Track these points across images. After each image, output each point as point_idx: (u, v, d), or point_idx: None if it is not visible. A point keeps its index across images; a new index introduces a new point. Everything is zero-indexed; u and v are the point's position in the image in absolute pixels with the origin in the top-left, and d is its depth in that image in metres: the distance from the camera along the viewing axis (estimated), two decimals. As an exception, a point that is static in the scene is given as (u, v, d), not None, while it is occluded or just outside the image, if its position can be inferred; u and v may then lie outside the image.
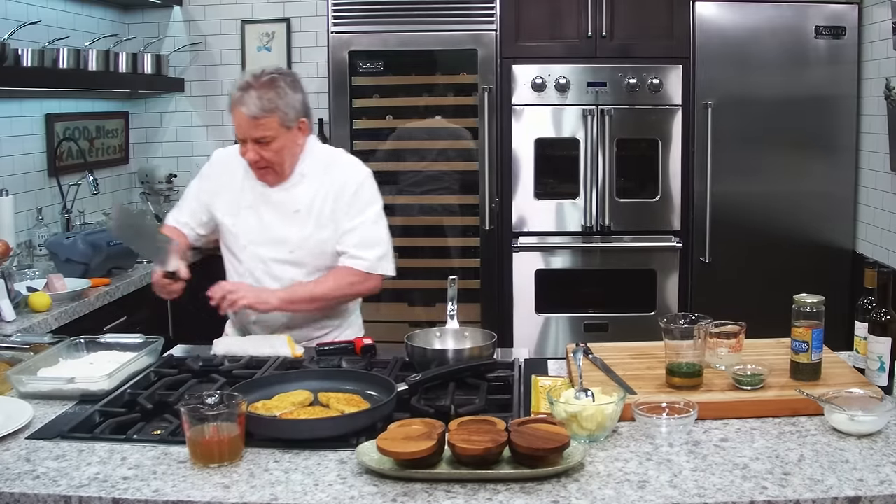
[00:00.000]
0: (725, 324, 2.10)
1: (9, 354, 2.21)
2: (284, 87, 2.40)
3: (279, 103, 2.38)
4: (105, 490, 1.53)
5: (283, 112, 2.40)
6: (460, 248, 4.26)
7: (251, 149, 2.41)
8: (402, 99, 4.26)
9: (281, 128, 2.41)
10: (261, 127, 2.38)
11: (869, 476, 1.55)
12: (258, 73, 2.40)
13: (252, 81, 2.37)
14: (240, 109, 2.37)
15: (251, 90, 2.36)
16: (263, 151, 2.42)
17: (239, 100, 2.37)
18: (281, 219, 2.51)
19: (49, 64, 3.63)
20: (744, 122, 4.03)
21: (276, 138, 2.41)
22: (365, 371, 2.10)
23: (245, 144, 2.42)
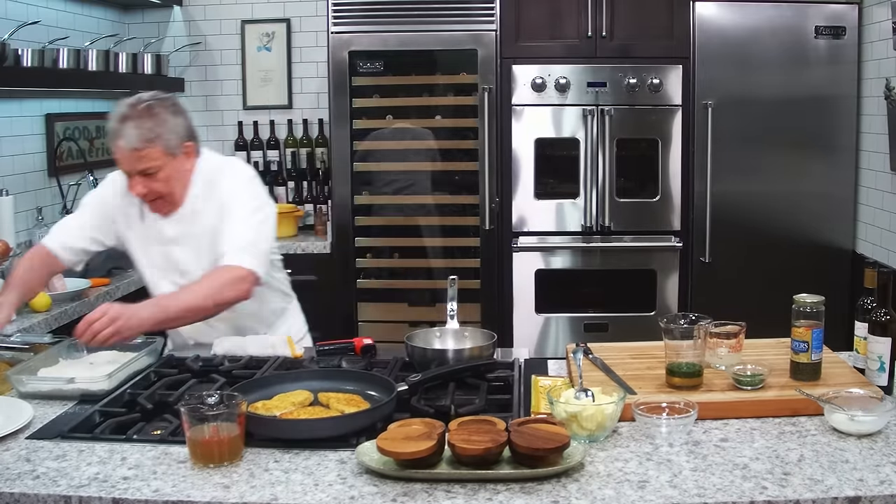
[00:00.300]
0: (725, 324, 2.10)
1: (9, 354, 2.21)
2: (163, 114, 2.30)
3: (160, 131, 2.28)
4: (105, 490, 1.53)
5: (166, 140, 2.29)
6: (460, 248, 4.26)
7: (138, 182, 2.31)
8: (402, 99, 4.26)
9: (165, 156, 2.30)
10: (144, 158, 2.27)
11: (869, 476, 1.55)
12: (134, 101, 2.29)
13: (129, 112, 2.27)
14: (118, 143, 2.26)
15: (128, 121, 2.26)
16: (151, 183, 2.31)
17: (117, 133, 2.26)
18: (181, 244, 2.42)
19: (49, 64, 3.63)
20: (744, 122, 4.03)
21: (162, 168, 2.31)
22: (365, 371, 2.10)
23: (131, 178, 2.31)
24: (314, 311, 4.17)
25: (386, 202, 4.30)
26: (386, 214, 4.31)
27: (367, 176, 4.26)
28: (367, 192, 4.25)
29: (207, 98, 4.80)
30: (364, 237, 4.24)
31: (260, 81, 4.76)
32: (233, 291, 2.26)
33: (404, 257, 4.30)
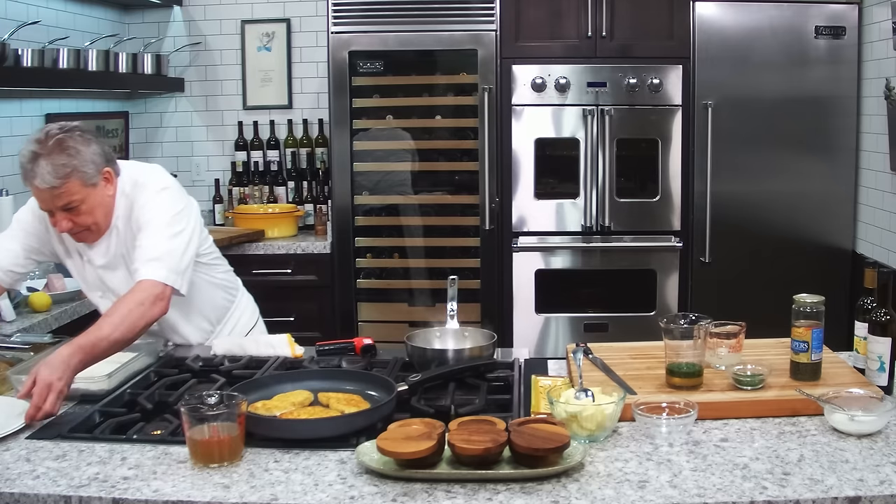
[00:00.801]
0: (725, 324, 2.10)
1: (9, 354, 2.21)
2: (75, 146, 2.19)
3: (74, 164, 2.17)
4: (105, 490, 1.53)
5: (81, 172, 2.19)
6: (460, 248, 4.26)
7: (62, 218, 2.22)
8: (402, 99, 4.26)
9: (85, 188, 2.21)
10: (63, 195, 2.18)
11: (869, 476, 1.55)
12: (42, 137, 2.19)
13: (39, 149, 2.16)
14: (34, 183, 2.16)
15: (40, 159, 2.15)
16: (76, 218, 2.23)
17: (30, 173, 2.16)
18: (111, 266, 2.37)
19: (49, 64, 3.63)
20: (744, 122, 4.03)
21: (84, 200, 2.22)
22: (365, 371, 2.10)
23: (54, 216, 2.23)
24: (314, 311, 4.21)
25: (386, 202, 4.30)
26: (386, 214, 4.31)
27: (368, 176, 4.26)
28: (367, 192, 4.25)
29: (207, 98, 4.80)
30: (364, 237, 4.24)
31: (260, 81, 4.76)
32: (152, 311, 2.16)
33: (404, 257, 4.30)
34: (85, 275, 2.44)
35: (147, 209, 2.29)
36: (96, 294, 2.46)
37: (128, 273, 2.32)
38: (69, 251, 2.43)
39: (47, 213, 2.26)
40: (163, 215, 2.28)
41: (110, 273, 2.38)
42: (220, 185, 4.73)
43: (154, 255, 2.21)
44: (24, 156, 2.19)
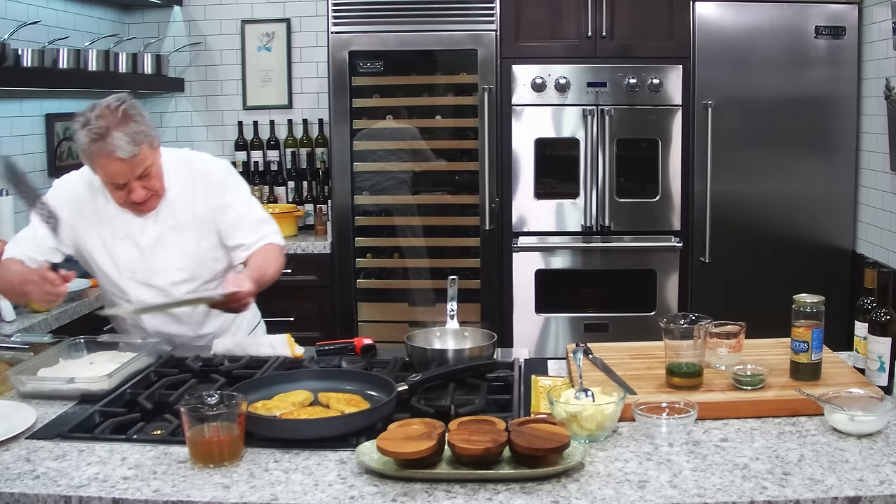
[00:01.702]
0: (725, 324, 2.10)
1: (9, 354, 2.21)
2: (138, 112, 2.26)
3: (143, 129, 2.24)
4: (105, 490, 1.53)
5: (150, 136, 2.27)
6: (460, 248, 4.26)
7: (138, 187, 2.28)
8: (402, 99, 4.26)
9: (153, 151, 2.30)
10: (140, 162, 2.24)
11: (869, 476, 1.55)
12: (104, 112, 2.22)
13: (108, 123, 2.20)
14: (114, 156, 2.19)
15: (112, 132, 2.19)
16: (147, 183, 2.30)
17: (106, 147, 2.19)
18: (160, 241, 2.42)
19: (49, 64, 3.63)
20: (744, 122, 4.03)
21: (154, 163, 2.31)
22: (365, 371, 2.10)
23: (125, 187, 2.28)
24: (314, 312, 4.21)
25: (386, 202, 4.30)
26: (386, 214, 4.30)
27: (367, 176, 4.26)
28: (367, 192, 4.25)
29: (207, 98, 4.80)
30: (364, 237, 4.24)
31: (260, 81, 4.76)
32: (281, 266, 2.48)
33: (404, 257, 4.30)
34: (118, 258, 2.42)
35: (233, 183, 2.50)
36: (125, 275, 2.44)
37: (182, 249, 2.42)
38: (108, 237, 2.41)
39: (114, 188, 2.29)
40: (246, 187, 2.55)
41: (158, 246, 2.41)
42: (220, 185, 4.72)
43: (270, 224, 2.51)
44: (91, 132, 2.20)
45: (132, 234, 2.41)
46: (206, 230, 2.46)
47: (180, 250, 2.44)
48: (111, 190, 2.32)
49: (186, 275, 2.46)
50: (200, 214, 2.44)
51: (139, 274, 2.44)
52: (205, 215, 2.44)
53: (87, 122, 2.22)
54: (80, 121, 2.24)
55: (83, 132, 2.21)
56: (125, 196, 2.31)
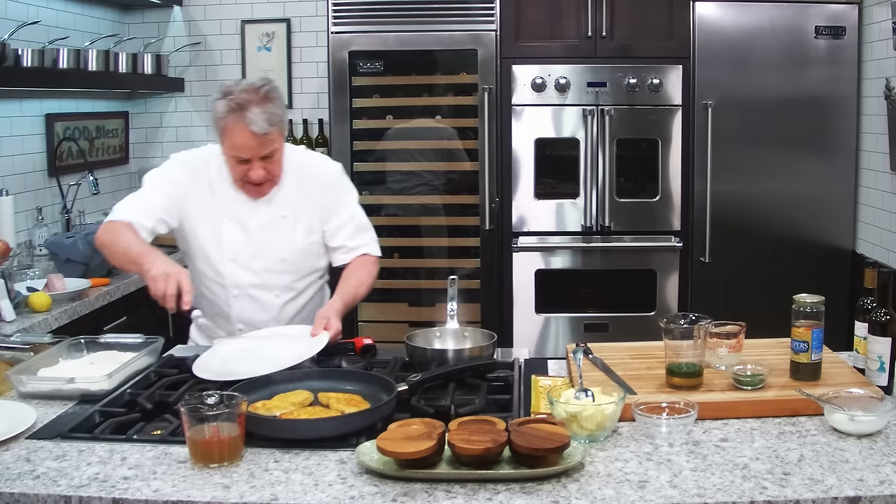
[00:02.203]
0: (725, 324, 2.10)
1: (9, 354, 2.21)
2: (278, 97, 2.35)
3: (279, 114, 2.33)
4: (105, 490, 1.53)
5: (283, 123, 2.36)
6: (460, 248, 4.26)
7: (259, 167, 2.33)
8: (402, 99, 4.26)
9: (282, 138, 2.38)
10: (269, 142, 2.31)
11: (869, 476, 1.55)
12: (250, 87, 2.30)
13: (251, 97, 2.27)
14: (248, 128, 2.25)
15: (252, 106, 2.26)
16: (268, 166, 2.36)
17: (243, 119, 2.25)
18: (268, 227, 2.46)
19: (49, 64, 3.63)
20: (744, 122, 4.03)
21: (279, 149, 2.37)
22: (365, 371, 2.10)
23: (248, 164, 2.33)
24: (314, 311, 4.20)
25: (386, 202, 4.30)
26: (386, 214, 4.30)
27: (368, 176, 4.26)
28: (367, 193, 4.25)
29: (207, 98, 4.79)
30: (364, 237, 4.24)
31: (260, 81, 4.76)
32: (374, 278, 2.57)
33: (404, 257, 4.30)
34: (223, 238, 2.44)
35: (344, 187, 2.56)
36: (227, 255, 2.45)
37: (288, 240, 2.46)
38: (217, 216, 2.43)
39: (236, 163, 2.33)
40: (355, 191, 2.61)
41: (266, 231, 2.45)
42: (220, 185, 4.72)
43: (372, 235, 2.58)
44: (231, 103, 2.26)
45: (241, 216, 2.44)
46: (314, 226, 2.51)
47: (287, 240, 2.48)
48: (232, 165, 2.36)
49: (288, 266, 2.49)
50: (312, 210, 2.49)
51: (241, 256, 2.46)
52: (315, 212, 2.50)
53: (228, 93, 2.29)
54: (222, 91, 2.31)
55: (223, 101, 2.28)
56: (244, 173, 2.34)
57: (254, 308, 2.50)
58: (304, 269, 2.54)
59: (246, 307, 2.50)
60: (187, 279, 2.14)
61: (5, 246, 3.14)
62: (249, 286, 2.48)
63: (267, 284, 2.49)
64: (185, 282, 2.13)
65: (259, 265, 2.47)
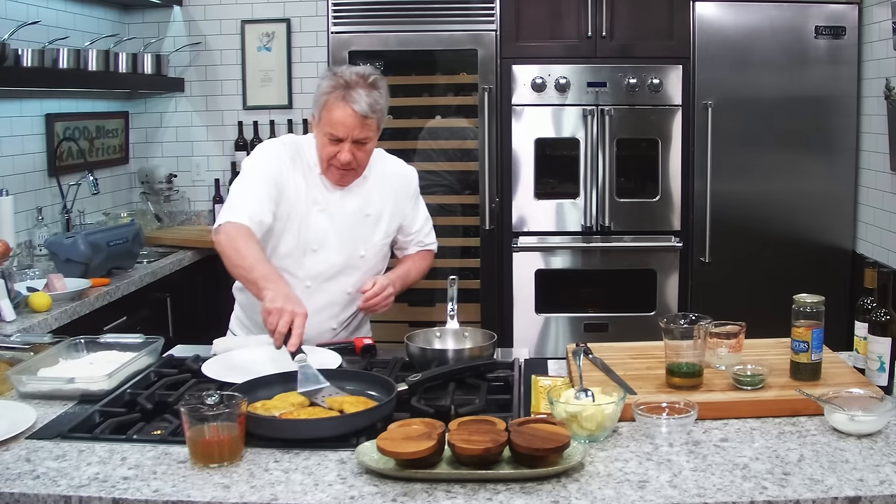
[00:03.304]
0: (725, 324, 2.10)
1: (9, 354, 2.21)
2: (384, 88, 2.37)
3: (382, 105, 2.35)
4: (105, 490, 1.52)
5: (383, 114, 2.37)
6: (460, 248, 4.26)
7: (348, 149, 2.33)
8: (402, 99, 4.25)
9: (378, 130, 2.38)
10: (366, 127, 2.32)
11: (869, 476, 1.55)
12: (362, 72, 2.33)
13: (358, 80, 2.31)
14: (350, 106, 2.28)
15: (359, 88, 2.29)
16: (358, 153, 2.35)
17: (347, 97, 2.28)
18: (353, 222, 2.46)
19: (49, 64, 3.63)
20: (744, 122, 4.03)
21: (372, 139, 2.38)
22: (365, 371, 2.10)
23: (340, 144, 2.32)
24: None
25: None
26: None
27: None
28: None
29: (207, 98, 4.80)
30: (364, 237, 4.24)
31: (260, 81, 4.76)
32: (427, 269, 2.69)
33: (404, 257, 4.30)
34: (310, 227, 2.42)
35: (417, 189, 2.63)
36: (311, 248, 2.43)
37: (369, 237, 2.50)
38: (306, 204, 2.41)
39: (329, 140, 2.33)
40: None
41: (351, 226, 2.46)
42: (221, 185, 4.72)
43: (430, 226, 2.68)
44: (339, 79, 2.31)
45: (330, 207, 2.44)
46: (390, 229, 2.55)
47: (367, 237, 2.50)
48: (324, 144, 2.35)
49: (364, 263, 2.51)
50: (391, 213, 2.53)
51: (326, 247, 2.44)
52: (395, 217, 2.54)
53: (338, 72, 2.34)
54: (331, 70, 2.36)
55: (331, 79, 2.32)
56: (333, 153, 2.34)
57: (323, 301, 2.46)
58: (375, 268, 2.55)
59: (316, 301, 2.42)
60: (302, 320, 2.01)
61: (5, 246, 3.14)
62: (325, 279, 2.47)
63: (342, 279, 2.49)
64: (299, 322, 2.01)
65: (340, 259, 2.47)
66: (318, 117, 2.35)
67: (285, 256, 2.44)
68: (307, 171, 2.43)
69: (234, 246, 2.23)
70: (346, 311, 2.54)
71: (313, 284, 2.46)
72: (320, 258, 2.45)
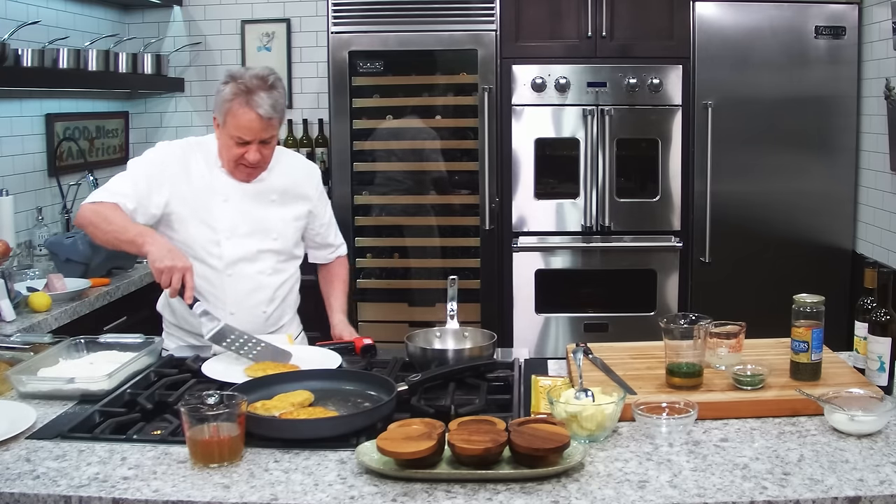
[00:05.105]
0: (725, 324, 2.10)
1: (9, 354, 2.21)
2: (282, 87, 2.46)
3: (283, 102, 2.45)
4: (105, 490, 1.53)
5: (284, 113, 2.48)
6: (460, 248, 4.26)
7: (256, 150, 2.42)
8: (402, 99, 4.25)
9: (279, 128, 2.48)
10: (270, 127, 2.41)
11: (869, 476, 1.55)
12: (260, 74, 2.41)
13: (259, 83, 2.38)
14: (255, 111, 2.36)
15: (260, 91, 2.37)
16: (264, 151, 2.45)
17: (250, 101, 2.36)
18: (260, 208, 2.54)
19: (49, 64, 3.63)
20: (744, 122, 4.03)
21: (275, 137, 2.48)
22: (365, 371, 2.10)
23: (247, 146, 2.42)
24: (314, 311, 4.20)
25: (386, 202, 4.30)
26: (386, 214, 4.30)
27: (367, 176, 4.26)
28: (367, 192, 4.25)
29: (207, 98, 4.79)
30: (364, 237, 4.24)
31: (260, 81, 4.76)
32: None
33: (404, 257, 4.30)
34: (216, 219, 2.49)
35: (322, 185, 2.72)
36: (223, 234, 2.50)
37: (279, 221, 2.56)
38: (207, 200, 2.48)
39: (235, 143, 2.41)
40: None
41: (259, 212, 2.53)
42: (220, 185, 4.72)
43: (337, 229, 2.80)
44: (240, 86, 2.37)
45: (233, 198, 2.51)
46: (299, 214, 2.62)
47: (277, 220, 2.57)
48: (230, 147, 2.43)
49: (279, 245, 2.57)
50: (297, 200, 2.61)
51: (237, 233, 2.51)
52: (300, 203, 2.62)
53: (238, 77, 2.40)
54: (229, 75, 2.42)
55: (231, 85, 2.39)
56: (240, 155, 2.43)
57: (248, 287, 2.53)
58: (290, 251, 2.62)
59: (241, 287, 2.52)
60: (191, 274, 2.23)
61: (5, 246, 3.14)
62: (244, 264, 2.52)
63: (260, 264, 2.54)
64: (189, 277, 2.22)
65: (253, 243, 2.53)
66: (223, 122, 2.42)
67: (199, 248, 2.51)
68: (203, 168, 2.51)
69: (102, 214, 2.38)
70: (270, 295, 2.58)
71: (234, 272, 2.51)
72: (232, 245, 2.51)
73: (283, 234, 2.58)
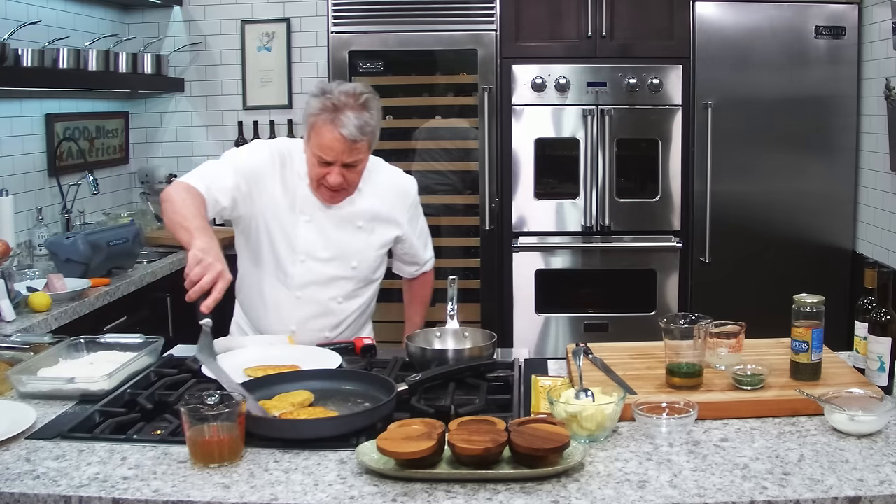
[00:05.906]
0: (725, 324, 2.10)
1: (9, 354, 2.21)
2: (376, 107, 2.28)
3: (374, 125, 2.26)
4: (105, 490, 1.52)
5: (374, 136, 2.29)
6: (460, 248, 4.26)
7: (338, 172, 2.26)
8: (402, 99, 4.26)
9: (368, 151, 2.31)
10: (356, 150, 2.24)
11: (869, 476, 1.55)
12: (351, 91, 2.24)
13: (348, 100, 2.22)
14: (338, 131, 2.20)
15: (348, 110, 2.21)
16: (348, 174, 2.29)
17: (335, 120, 2.20)
18: (344, 234, 2.42)
19: (49, 64, 3.63)
20: (744, 122, 4.03)
21: (363, 161, 2.30)
22: (365, 371, 2.10)
23: (329, 167, 2.26)
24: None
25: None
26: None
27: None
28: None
29: (207, 98, 4.80)
30: (364, 237, 4.24)
31: (260, 81, 4.76)
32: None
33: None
34: (297, 238, 2.38)
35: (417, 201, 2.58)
36: (299, 257, 2.39)
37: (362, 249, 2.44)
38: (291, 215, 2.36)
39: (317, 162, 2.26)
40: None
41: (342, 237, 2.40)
42: (220, 185, 4.72)
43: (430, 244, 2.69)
44: (328, 101, 2.21)
45: (318, 219, 2.39)
46: (386, 240, 2.50)
47: (360, 250, 2.44)
48: (313, 164, 2.29)
49: (356, 273, 2.46)
50: (387, 225, 2.48)
51: (315, 259, 2.40)
52: (391, 228, 2.49)
53: (327, 91, 2.24)
54: (319, 88, 2.26)
55: (320, 98, 2.23)
56: (322, 175, 2.28)
57: (315, 312, 2.45)
58: (369, 278, 2.51)
59: (308, 311, 2.44)
60: (224, 284, 1.96)
61: (5, 246, 3.14)
62: (315, 288, 2.43)
63: (332, 290, 2.45)
64: (221, 286, 1.95)
65: (330, 270, 2.43)
66: (308, 137, 2.29)
67: (270, 267, 2.41)
68: (297, 180, 2.37)
69: (182, 197, 2.19)
70: (338, 321, 2.50)
71: (303, 295, 2.43)
72: (308, 268, 2.41)
73: (364, 262, 2.46)
